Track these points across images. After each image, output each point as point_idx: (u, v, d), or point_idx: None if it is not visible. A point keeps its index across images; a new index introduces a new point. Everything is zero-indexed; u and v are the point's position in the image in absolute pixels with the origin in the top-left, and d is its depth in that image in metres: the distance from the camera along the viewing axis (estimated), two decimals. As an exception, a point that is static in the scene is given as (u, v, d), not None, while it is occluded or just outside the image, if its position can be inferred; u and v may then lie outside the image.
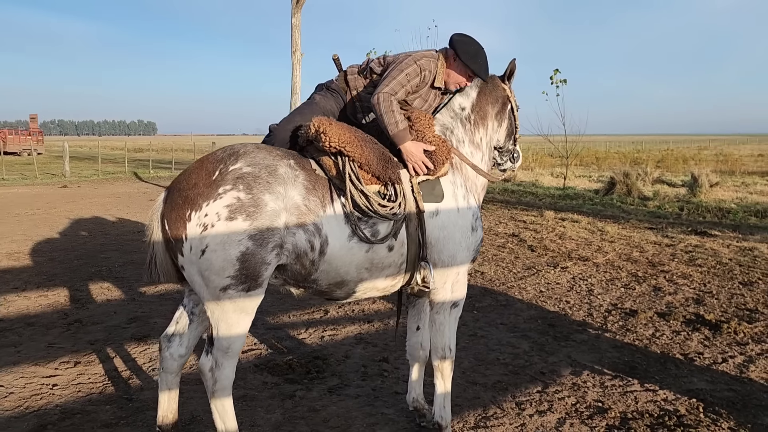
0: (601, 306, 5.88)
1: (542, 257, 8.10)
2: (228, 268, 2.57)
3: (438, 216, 3.01)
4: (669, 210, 12.54)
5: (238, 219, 2.55)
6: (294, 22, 11.91)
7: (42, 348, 4.54)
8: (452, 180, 3.14)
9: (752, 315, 5.53)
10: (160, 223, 2.71)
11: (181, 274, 2.76)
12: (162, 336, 3.04)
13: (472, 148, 3.32)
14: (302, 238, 2.68)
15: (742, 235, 9.49)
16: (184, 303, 3.03)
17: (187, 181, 2.67)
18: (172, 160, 28.32)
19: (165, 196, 2.77)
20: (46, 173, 23.35)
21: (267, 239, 2.59)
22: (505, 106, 3.45)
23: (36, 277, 6.72)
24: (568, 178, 18.80)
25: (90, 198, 15.12)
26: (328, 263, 2.76)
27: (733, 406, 3.76)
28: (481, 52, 3.19)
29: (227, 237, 2.54)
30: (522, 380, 4.14)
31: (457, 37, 3.21)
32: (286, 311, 5.56)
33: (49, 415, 3.48)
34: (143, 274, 3.03)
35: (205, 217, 2.55)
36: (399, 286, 3.11)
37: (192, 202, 2.59)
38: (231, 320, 2.68)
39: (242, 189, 2.58)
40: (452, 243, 3.05)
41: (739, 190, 16.44)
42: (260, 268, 2.61)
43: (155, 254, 2.77)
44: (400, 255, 2.94)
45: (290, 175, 2.71)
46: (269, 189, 2.62)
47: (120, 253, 8.07)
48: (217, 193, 2.57)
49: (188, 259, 2.62)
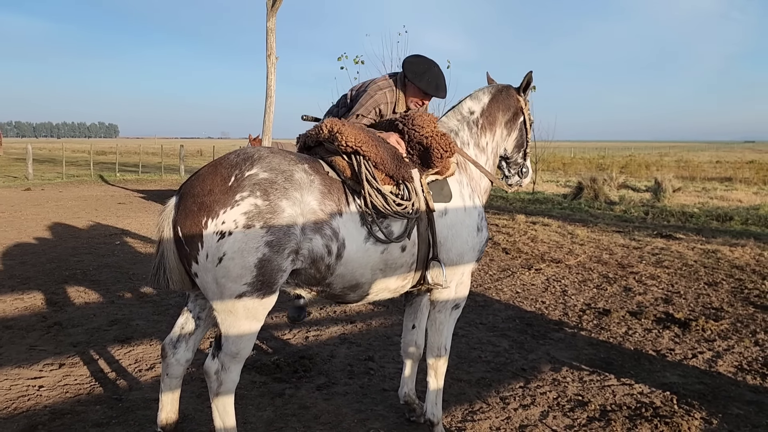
0: (576, 306, 6.07)
1: (516, 259, 8.29)
2: (245, 276, 2.55)
3: (446, 215, 3.07)
4: (635, 214, 12.94)
5: (255, 226, 2.52)
6: (269, 26, 11.91)
7: (23, 350, 4.48)
8: (458, 179, 3.21)
9: (718, 313, 5.79)
10: (173, 230, 2.66)
11: (192, 280, 2.72)
12: (166, 341, 3.00)
13: (477, 151, 3.39)
14: (319, 243, 2.67)
15: (705, 238, 9.87)
16: (189, 308, 3.00)
17: (202, 187, 2.61)
18: (139, 163, 27.85)
19: (177, 202, 2.70)
20: (7, 176, 22.70)
21: (284, 246, 2.58)
22: (516, 117, 3.50)
23: (9, 280, 6.59)
24: (537, 183, 19.18)
25: (56, 201, 14.80)
26: (345, 266, 2.77)
27: (705, 397, 3.96)
28: (430, 71, 3.36)
29: (245, 244, 2.51)
30: (504, 376, 4.27)
31: (408, 59, 3.40)
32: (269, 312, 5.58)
33: (39, 416, 3.46)
34: (148, 280, 2.99)
35: (223, 225, 2.51)
36: (409, 286, 3.14)
37: (208, 209, 2.54)
38: (242, 326, 2.67)
39: (259, 195, 2.55)
40: (460, 242, 3.11)
41: (701, 195, 17.05)
42: (276, 274, 2.61)
43: (166, 261, 2.71)
44: (412, 255, 2.98)
45: (306, 180, 2.70)
46: (286, 195, 2.60)
47: (93, 257, 7.96)
48: (234, 200, 2.53)
49: (204, 267, 2.58)
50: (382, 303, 5.92)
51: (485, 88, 3.55)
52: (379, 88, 3.38)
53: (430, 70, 3.36)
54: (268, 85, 11.92)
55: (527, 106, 3.55)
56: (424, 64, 3.38)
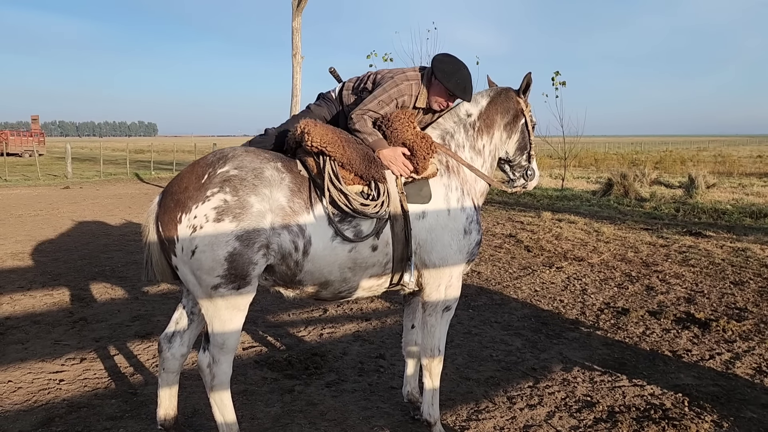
0: (594, 305, 6.01)
1: (538, 257, 8.23)
2: (217, 268, 2.69)
3: (425, 218, 3.09)
4: (665, 211, 12.67)
5: (225, 220, 2.66)
6: (294, 26, 12.05)
7: (48, 345, 4.68)
8: (446, 183, 3.21)
9: (741, 314, 5.66)
10: (155, 225, 2.85)
11: (176, 273, 2.87)
12: (162, 337, 3.13)
13: (473, 153, 3.38)
14: (287, 239, 2.78)
15: (736, 236, 9.61)
16: (183, 303, 3.14)
17: (179, 185, 2.79)
18: (174, 161, 28.45)
19: (159, 199, 2.89)
20: (48, 174, 23.49)
21: (253, 240, 2.70)
22: (516, 119, 3.47)
23: (41, 276, 6.85)
24: (566, 180, 18.93)
25: (92, 199, 15.26)
26: (312, 263, 2.86)
27: (718, 400, 3.89)
28: (459, 72, 3.28)
29: (215, 238, 2.66)
30: (514, 376, 4.27)
31: (438, 57, 3.32)
32: (285, 310, 5.70)
33: (57, 409, 3.62)
34: (141, 273, 3.16)
35: (194, 219, 2.67)
36: (386, 285, 3.18)
37: (182, 205, 2.71)
38: (224, 317, 2.79)
39: (229, 191, 2.70)
40: (441, 245, 3.12)
41: (736, 191, 16.57)
42: (248, 267, 2.73)
43: (151, 254, 2.90)
44: (385, 255, 3.02)
45: (276, 178, 2.82)
46: (255, 191, 2.73)
47: (123, 254, 8.21)
48: (205, 195, 2.69)
49: (180, 260, 2.75)
50: (397, 300, 5.96)
51: (484, 91, 3.53)
52: (407, 79, 3.30)
53: (460, 71, 3.30)
54: (293, 84, 12.06)
55: (528, 107, 3.51)
56: (455, 64, 3.32)
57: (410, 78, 3.31)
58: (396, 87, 3.25)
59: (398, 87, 3.26)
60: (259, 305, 5.71)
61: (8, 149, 34.30)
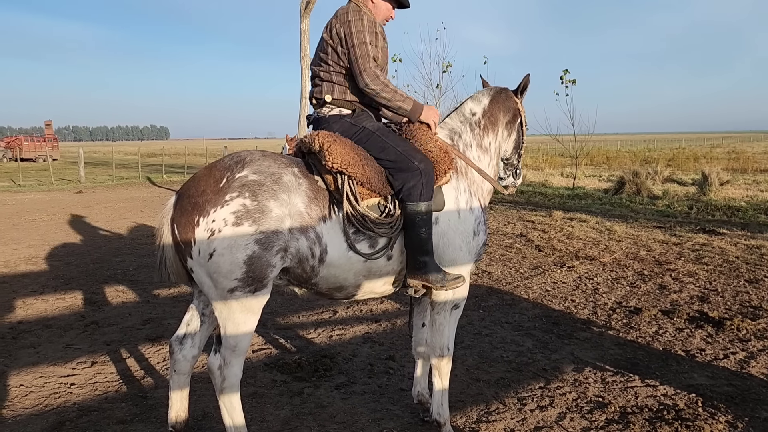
0: (606, 304, 5.95)
1: (549, 257, 8.17)
2: (235, 271, 2.69)
3: (438, 224, 3.10)
4: (678, 209, 12.55)
5: (244, 224, 2.67)
6: (303, 28, 12.09)
7: (60, 349, 4.71)
8: (455, 186, 3.22)
9: (756, 312, 5.58)
10: (170, 227, 2.84)
11: (190, 275, 2.88)
12: (173, 339, 3.13)
13: (480, 152, 3.40)
14: (304, 245, 2.80)
15: (751, 233, 9.50)
16: (194, 305, 3.14)
17: (196, 188, 2.79)
18: (185, 165, 28.62)
19: (174, 201, 2.88)
20: (62, 179, 23.72)
21: (272, 243, 2.71)
22: (515, 118, 3.53)
23: (53, 280, 6.91)
24: (578, 178, 18.81)
25: (105, 203, 15.38)
26: (327, 270, 2.89)
27: (732, 400, 3.83)
28: None
29: (234, 241, 2.66)
30: (524, 377, 4.24)
31: None
32: (295, 312, 5.70)
33: (68, 413, 3.63)
34: (155, 274, 3.17)
35: (213, 223, 2.67)
36: (397, 288, 3.21)
37: (200, 208, 2.71)
38: (238, 320, 2.80)
39: (248, 196, 2.70)
40: (452, 248, 3.15)
41: (751, 188, 16.38)
42: (266, 270, 2.74)
43: (165, 256, 2.90)
44: (400, 263, 3.06)
45: (294, 183, 2.83)
46: (274, 196, 2.74)
47: (134, 257, 8.26)
48: (224, 200, 2.69)
49: (197, 262, 2.75)
50: (407, 302, 5.94)
51: (484, 89, 3.58)
52: (358, 9, 3.13)
53: None
54: (302, 86, 12.08)
55: (524, 109, 3.58)
56: None
57: (361, 7, 3.16)
58: (362, 21, 3.08)
59: (365, 22, 3.09)
60: (268, 308, 5.71)
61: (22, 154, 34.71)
